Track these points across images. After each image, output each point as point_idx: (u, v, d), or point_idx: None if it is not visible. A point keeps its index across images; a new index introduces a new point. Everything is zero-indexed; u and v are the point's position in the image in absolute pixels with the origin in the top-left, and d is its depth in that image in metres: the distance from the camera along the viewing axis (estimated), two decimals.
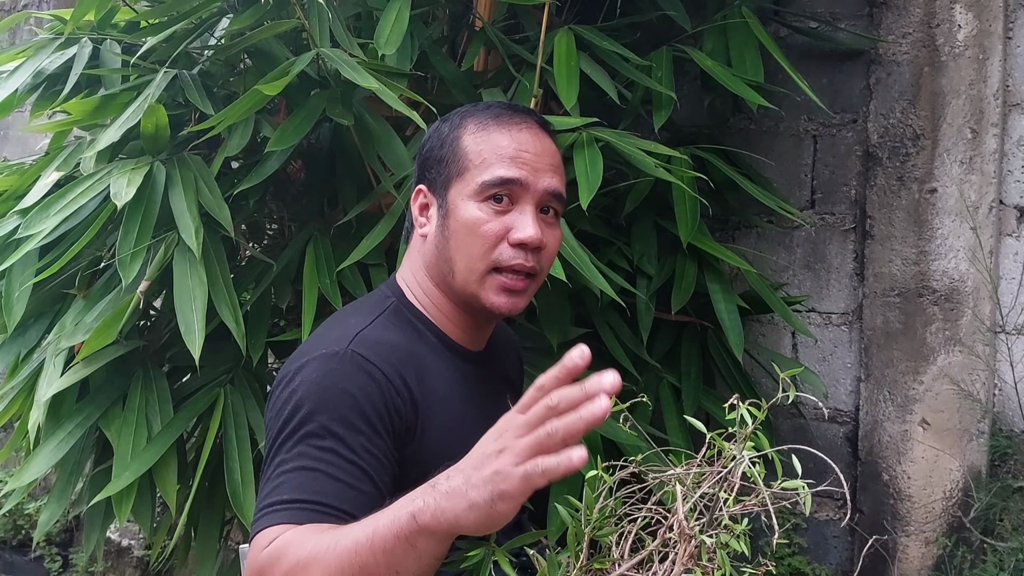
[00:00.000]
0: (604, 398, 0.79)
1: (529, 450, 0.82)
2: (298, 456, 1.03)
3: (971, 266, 2.12)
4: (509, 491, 0.82)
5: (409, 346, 1.17)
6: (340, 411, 1.05)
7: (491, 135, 1.19)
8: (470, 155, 1.18)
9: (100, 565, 3.38)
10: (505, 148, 1.17)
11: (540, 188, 1.18)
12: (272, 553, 0.96)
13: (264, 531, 0.99)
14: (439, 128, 1.25)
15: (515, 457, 0.83)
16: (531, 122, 1.22)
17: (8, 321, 1.85)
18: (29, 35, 3.65)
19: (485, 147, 1.18)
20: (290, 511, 0.99)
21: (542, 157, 1.19)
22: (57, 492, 1.88)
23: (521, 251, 1.17)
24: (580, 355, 0.83)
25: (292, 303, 1.96)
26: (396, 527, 0.88)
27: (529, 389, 0.86)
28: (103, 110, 1.94)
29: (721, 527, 0.88)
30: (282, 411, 1.07)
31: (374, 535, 0.89)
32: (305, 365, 1.10)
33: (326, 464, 1.02)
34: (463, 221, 1.17)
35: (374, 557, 0.89)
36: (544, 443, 0.81)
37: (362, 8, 1.98)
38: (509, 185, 1.16)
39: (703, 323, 2.19)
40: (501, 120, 1.20)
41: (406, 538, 0.88)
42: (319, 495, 1.00)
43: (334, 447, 1.03)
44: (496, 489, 0.83)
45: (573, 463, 0.79)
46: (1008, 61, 2.15)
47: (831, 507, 2.39)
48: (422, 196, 1.24)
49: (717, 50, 2.10)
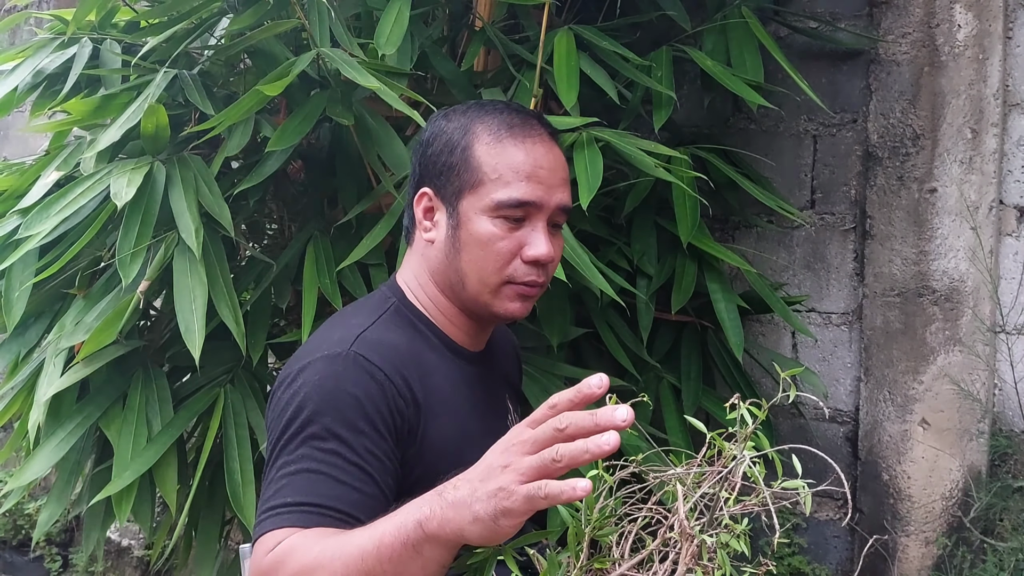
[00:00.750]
0: (614, 434, 0.81)
1: (533, 471, 0.83)
2: (301, 458, 1.03)
3: (971, 266, 2.12)
4: (512, 509, 0.83)
5: (411, 347, 1.17)
6: (343, 413, 1.05)
7: (506, 149, 1.17)
8: (484, 168, 1.17)
9: (100, 565, 3.38)
10: (521, 165, 1.16)
11: (552, 205, 1.18)
12: (277, 557, 0.96)
13: (268, 534, 0.99)
14: (444, 129, 1.22)
15: (519, 476, 0.83)
16: (543, 133, 1.21)
17: (8, 321, 1.85)
18: (29, 35, 3.65)
19: (500, 162, 1.16)
20: (294, 514, 0.99)
21: (555, 172, 1.19)
22: (57, 492, 1.88)
23: (533, 267, 1.18)
24: (599, 383, 0.84)
25: (292, 303, 1.96)
26: (403, 534, 0.89)
27: (542, 406, 0.87)
28: (103, 110, 1.94)
29: (721, 527, 0.88)
30: (284, 413, 1.07)
31: (380, 542, 0.90)
32: (307, 367, 1.10)
33: (329, 466, 1.02)
34: (476, 236, 1.17)
35: (380, 564, 0.89)
36: (548, 467, 0.82)
37: (362, 8, 1.98)
38: (525, 207, 1.16)
39: (703, 323, 2.19)
40: (515, 131, 1.18)
41: (412, 546, 0.88)
42: (323, 498, 1.00)
43: (337, 449, 1.03)
44: (500, 506, 0.84)
45: (576, 494, 0.80)
46: (1008, 61, 2.15)
47: (831, 507, 2.39)
48: (427, 199, 1.22)
49: (717, 50, 2.10)
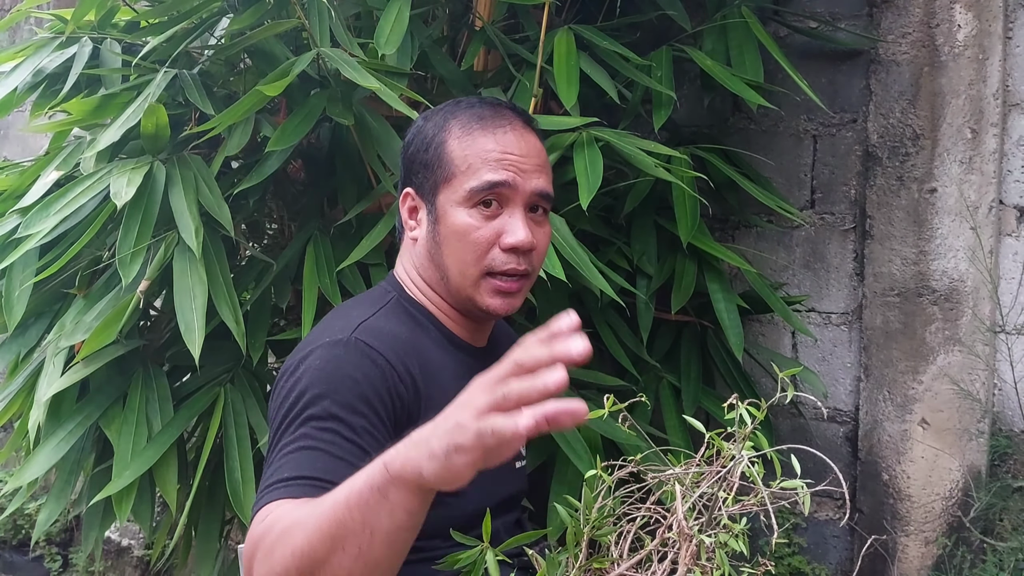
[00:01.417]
0: (561, 370, 0.78)
1: (486, 407, 0.81)
2: (300, 437, 1.04)
3: (971, 266, 2.12)
4: (464, 444, 0.81)
5: (412, 336, 1.18)
6: (342, 395, 1.06)
7: (476, 139, 1.19)
8: (456, 160, 1.19)
9: (100, 565, 3.38)
10: (491, 152, 1.18)
11: (528, 189, 1.19)
12: (266, 525, 0.96)
13: (263, 508, 0.99)
14: (423, 129, 1.25)
15: (474, 411, 0.82)
16: (516, 122, 1.22)
17: (8, 321, 1.85)
18: (29, 34, 3.65)
19: (471, 151, 1.18)
20: (288, 487, 1.00)
21: (528, 158, 1.20)
22: (57, 492, 1.88)
23: (513, 255, 1.18)
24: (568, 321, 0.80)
25: (292, 303, 1.96)
26: (370, 479, 0.88)
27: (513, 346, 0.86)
28: (103, 110, 1.94)
29: (720, 527, 0.88)
30: (287, 399, 1.08)
31: (350, 491, 0.89)
32: (309, 354, 1.12)
33: (327, 444, 1.03)
34: (453, 228, 1.18)
35: (349, 512, 0.88)
36: (500, 403, 0.80)
37: (362, 8, 1.98)
38: (497, 189, 1.17)
39: (703, 323, 2.19)
40: (485, 122, 1.20)
41: (378, 489, 0.87)
42: (318, 471, 1.00)
43: (336, 428, 1.04)
44: (453, 441, 0.82)
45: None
46: (1008, 61, 2.15)
47: (831, 507, 2.39)
48: (410, 199, 1.25)
49: (717, 50, 2.10)
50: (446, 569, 0.98)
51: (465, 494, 1.14)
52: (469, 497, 1.14)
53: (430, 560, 1.08)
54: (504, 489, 1.26)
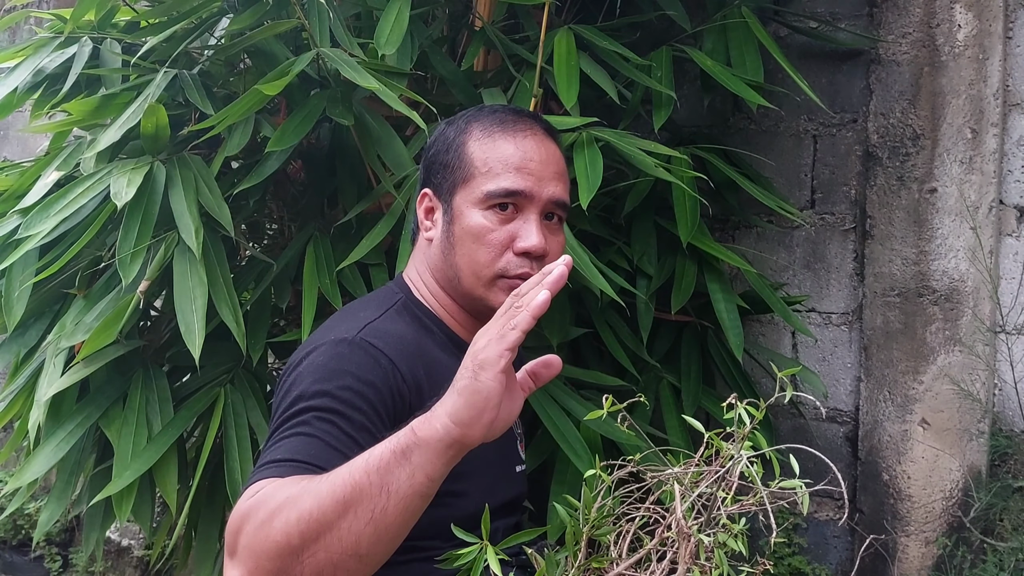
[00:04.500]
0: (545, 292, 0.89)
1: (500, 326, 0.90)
2: (298, 425, 1.05)
3: (971, 266, 2.12)
4: (487, 358, 0.89)
5: (418, 340, 1.19)
6: (343, 391, 1.06)
7: (496, 142, 1.20)
8: (475, 162, 1.20)
9: (100, 565, 3.38)
10: (510, 157, 1.19)
11: (544, 197, 1.20)
12: (255, 500, 0.96)
13: (253, 484, 0.99)
14: (444, 132, 1.26)
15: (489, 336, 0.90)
16: (536, 128, 1.23)
17: (8, 321, 1.85)
18: (29, 34, 3.65)
19: (491, 155, 1.20)
20: (280, 467, 1.00)
21: (547, 165, 1.21)
22: (57, 492, 1.88)
23: (526, 259, 1.19)
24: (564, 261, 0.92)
25: (292, 303, 1.96)
26: (393, 444, 0.92)
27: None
28: (103, 110, 1.94)
29: (719, 526, 0.88)
30: (288, 393, 1.09)
31: (369, 456, 0.92)
32: (314, 350, 1.13)
33: (324, 433, 1.03)
34: (468, 229, 1.19)
35: (367, 476, 0.91)
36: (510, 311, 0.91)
37: (362, 8, 1.98)
38: (514, 196, 1.18)
39: (703, 323, 2.19)
40: (506, 127, 1.22)
41: (402, 451, 0.91)
42: (312, 457, 1.01)
43: (335, 420, 1.04)
44: (475, 362, 0.89)
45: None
46: (1008, 61, 2.15)
47: (831, 507, 2.39)
48: (427, 200, 1.26)
49: (717, 50, 2.10)
50: (447, 568, 0.98)
51: (466, 494, 1.14)
52: (470, 498, 1.14)
53: (430, 560, 1.08)
54: (505, 492, 1.26)
